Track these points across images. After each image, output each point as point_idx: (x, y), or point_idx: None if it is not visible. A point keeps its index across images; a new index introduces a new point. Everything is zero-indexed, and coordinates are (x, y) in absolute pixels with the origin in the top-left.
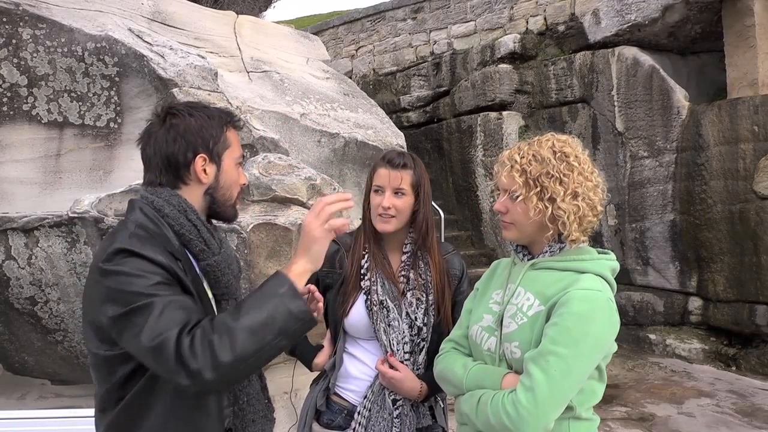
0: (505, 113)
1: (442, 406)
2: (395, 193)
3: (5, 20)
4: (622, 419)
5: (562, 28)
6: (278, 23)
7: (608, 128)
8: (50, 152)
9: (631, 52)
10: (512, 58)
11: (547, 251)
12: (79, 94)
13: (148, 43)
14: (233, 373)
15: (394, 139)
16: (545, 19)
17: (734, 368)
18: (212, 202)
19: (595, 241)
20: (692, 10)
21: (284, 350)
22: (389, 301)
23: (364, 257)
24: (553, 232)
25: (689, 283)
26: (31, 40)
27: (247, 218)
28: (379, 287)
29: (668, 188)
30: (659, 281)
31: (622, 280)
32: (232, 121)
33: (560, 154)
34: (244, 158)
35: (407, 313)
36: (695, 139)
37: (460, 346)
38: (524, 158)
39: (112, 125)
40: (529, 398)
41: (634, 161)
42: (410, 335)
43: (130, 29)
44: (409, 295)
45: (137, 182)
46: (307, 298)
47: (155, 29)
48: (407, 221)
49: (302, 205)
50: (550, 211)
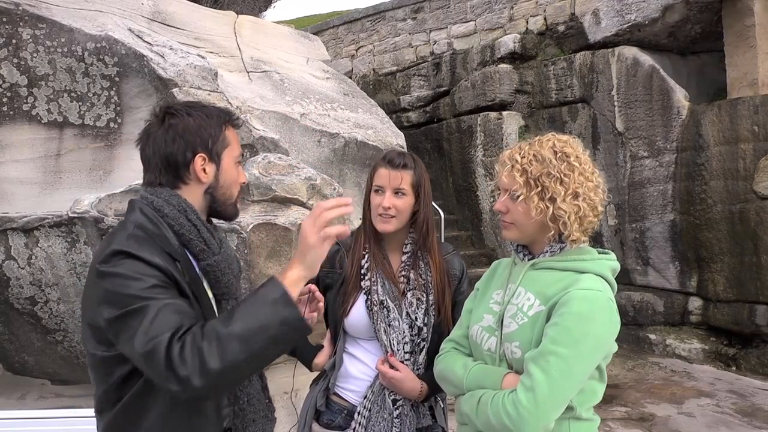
0: (505, 113)
1: (442, 406)
2: (395, 193)
3: (5, 20)
4: (622, 419)
5: (562, 28)
6: (278, 23)
7: (608, 128)
8: (50, 152)
9: (631, 52)
10: (512, 58)
11: (547, 251)
12: (79, 94)
13: (148, 43)
14: (223, 380)
15: (394, 139)
16: (545, 19)
17: (734, 368)
18: (212, 201)
19: (595, 241)
20: (692, 10)
21: (278, 357)
22: (389, 301)
23: (364, 257)
24: (554, 232)
25: (689, 283)
26: (31, 40)
27: (247, 218)
28: (379, 287)
29: (668, 188)
30: (659, 281)
31: (622, 280)
32: (230, 119)
33: (561, 154)
34: (243, 157)
35: (407, 313)
36: (695, 139)
37: (460, 346)
38: (525, 158)
39: (112, 125)
40: (529, 398)
41: (634, 161)
42: (410, 335)
43: (130, 29)
44: (409, 295)
45: (137, 182)
46: (307, 297)
47: (155, 29)
48: (407, 221)
49: (302, 205)
50: (551, 211)
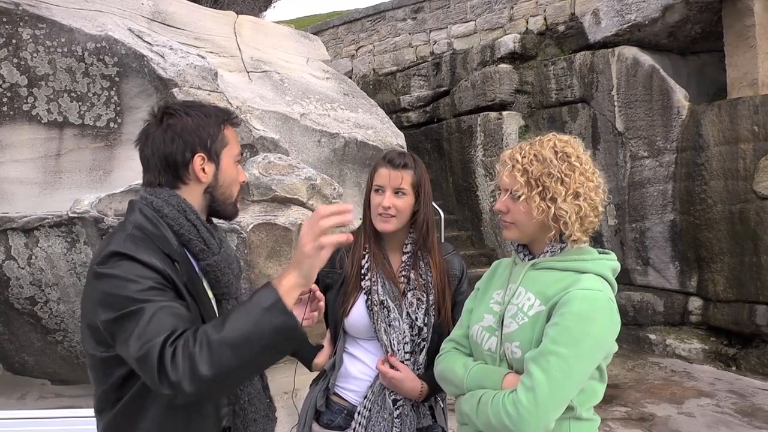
0: (505, 113)
1: (442, 406)
2: (395, 192)
3: (5, 20)
4: (622, 419)
5: (562, 28)
6: (278, 23)
7: (608, 128)
8: (50, 152)
9: (631, 52)
10: (512, 58)
11: (547, 251)
12: (79, 94)
13: (148, 43)
14: (215, 386)
15: (394, 139)
16: (545, 19)
17: (734, 368)
18: (212, 200)
19: (595, 241)
20: (692, 10)
21: (273, 364)
22: (390, 301)
23: (364, 257)
24: (555, 232)
25: (689, 283)
26: (31, 40)
27: (247, 218)
28: (379, 287)
29: (668, 188)
30: (659, 281)
31: (622, 280)
32: (229, 118)
33: (562, 154)
34: (243, 157)
35: (408, 313)
36: (695, 139)
37: (460, 345)
38: (526, 158)
39: (112, 125)
40: (529, 398)
41: (634, 161)
42: (411, 335)
43: (130, 29)
44: (409, 295)
45: (137, 182)
46: (308, 296)
47: (155, 29)
48: (407, 221)
49: (302, 205)
50: (552, 211)
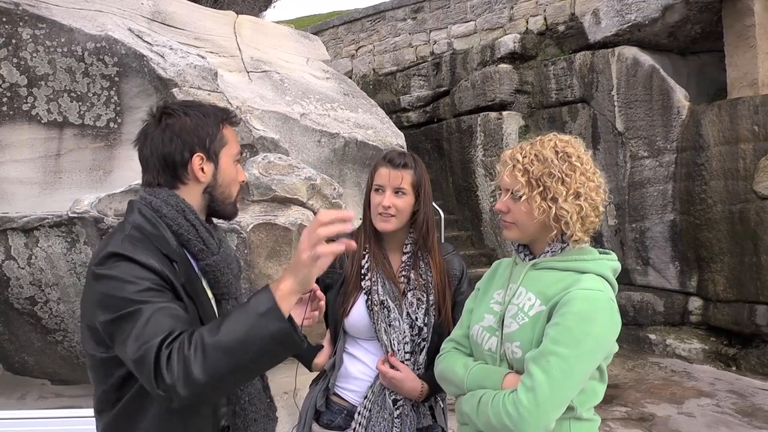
0: (505, 113)
1: (442, 406)
2: (395, 192)
3: (5, 20)
4: (622, 419)
5: (562, 28)
6: (278, 23)
7: (608, 128)
8: (50, 152)
9: (631, 52)
10: (512, 58)
11: (548, 251)
12: (78, 94)
13: (148, 43)
14: (209, 390)
15: (394, 139)
16: (545, 19)
17: (734, 368)
18: (211, 200)
19: (595, 241)
20: (692, 10)
21: (269, 369)
22: (390, 301)
23: (364, 257)
24: (557, 232)
25: (689, 283)
26: (30, 40)
27: (247, 218)
28: (379, 287)
29: (668, 188)
30: (659, 281)
31: (622, 280)
32: (228, 118)
33: (562, 154)
34: (242, 156)
35: (408, 313)
36: (695, 139)
37: (461, 345)
38: (526, 158)
39: (112, 125)
40: (530, 398)
41: (634, 161)
42: (411, 335)
43: (130, 29)
44: (409, 295)
45: (137, 182)
46: (309, 296)
47: (155, 29)
48: (407, 221)
49: (302, 205)
50: (553, 211)
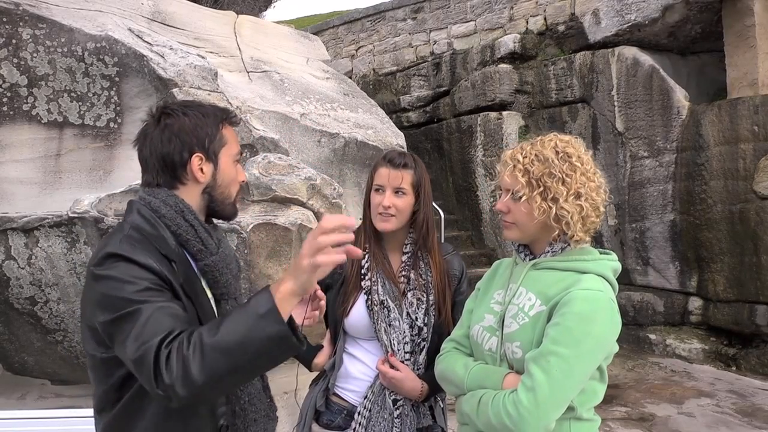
0: (505, 113)
1: (441, 406)
2: (395, 192)
3: (5, 20)
4: (622, 419)
5: (562, 28)
6: (278, 23)
7: (608, 128)
8: (50, 152)
9: (631, 52)
10: (512, 58)
11: (548, 251)
12: (79, 94)
13: (148, 43)
14: (207, 390)
15: (394, 139)
16: (545, 19)
17: (734, 368)
18: (210, 201)
19: (595, 241)
20: (692, 10)
21: (268, 370)
22: (390, 301)
23: (364, 257)
24: (558, 232)
25: (689, 283)
26: (31, 40)
27: (247, 218)
28: (379, 287)
29: (668, 188)
30: (659, 281)
31: (622, 280)
32: (228, 118)
33: (563, 154)
34: (242, 156)
35: (408, 313)
36: (695, 139)
37: (461, 345)
38: (527, 158)
39: (112, 125)
40: (530, 398)
41: (634, 161)
42: (411, 335)
43: (130, 29)
44: (409, 295)
45: (137, 182)
46: (309, 296)
47: (155, 29)
48: (407, 221)
49: (302, 205)
50: (553, 211)
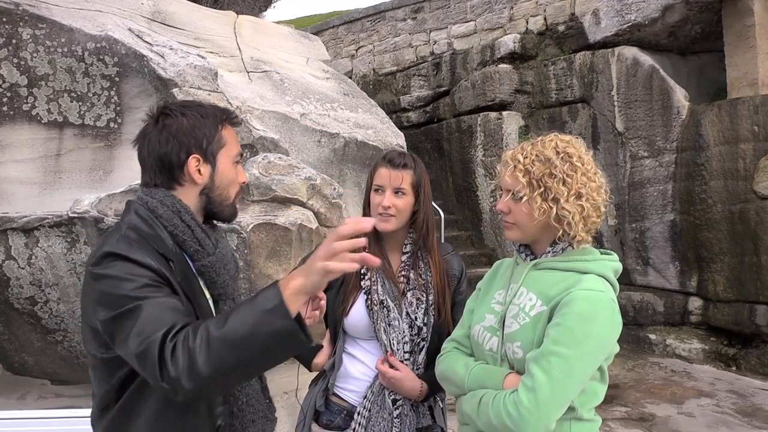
0: (505, 113)
1: (441, 406)
2: (395, 192)
3: (5, 20)
4: (622, 419)
5: (562, 28)
6: (278, 23)
7: (608, 128)
8: (50, 152)
9: (631, 52)
10: (512, 58)
11: (549, 251)
12: (79, 94)
13: (148, 43)
14: (213, 384)
15: (394, 139)
16: (545, 19)
17: (734, 368)
18: (208, 202)
19: (595, 241)
20: (692, 10)
21: (273, 366)
22: (389, 300)
23: None
24: (561, 232)
25: (689, 283)
26: (31, 40)
27: (247, 218)
28: (379, 287)
29: (668, 188)
30: (659, 281)
31: (622, 280)
32: (228, 118)
33: (563, 154)
34: (242, 157)
35: (407, 312)
36: (695, 139)
37: (461, 345)
38: (527, 158)
39: (112, 125)
40: (530, 398)
41: (634, 161)
42: (410, 335)
43: (130, 29)
44: (409, 295)
45: (137, 182)
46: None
47: (155, 29)
48: (407, 221)
49: (302, 205)
50: (554, 211)
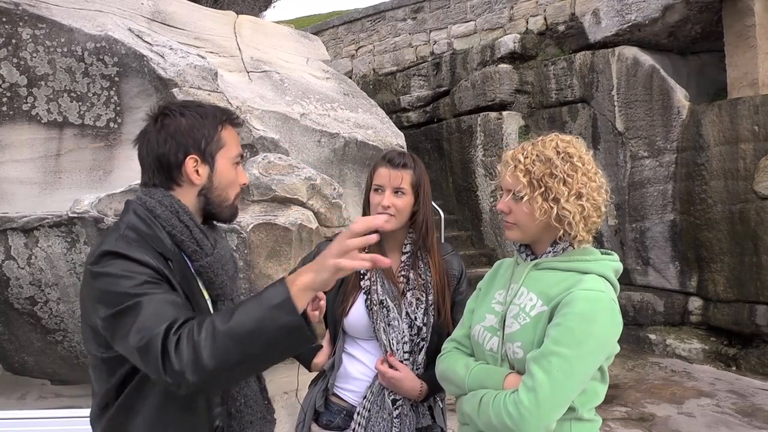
0: (505, 113)
1: (441, 406)
2: (395, 192)
3: (5, 20)
4: (622, 419)
5: (562, 28)
6: (278, 23)
7: (608, 128)
8: (50, 152)
9: (631, 52)
10: (512, 58)
11: (550, 251)
12: (78, 94)
13: (148, 43)
14: (217, 378)
15: (394, 139)
16: (545, 19)
17: (734, 368)
18: (207, 203)
19: (595, 241)
20: (692, 10)
21: (279, 362)
22: (389, 300)
23: None
24: (562, 232)
25: (689, 283)
26: (30, 40)
27: (247, 218)
28: (378, 287)
29: (668, 188)
30: (659, 281)
31: (622, 280)
32: (229, 119)
33: (564, 154)
34: (243, 158)
35: (407, 312)
36: (695, 139)
37: (462, 345)
38: (528, 158)
39: (112, 125)
40: (531, 398)
41: (634, 161)
42: (410, 335)
43: (129, 29)
44: (408, 295)
45: (137, 182)
46: None
47: (155, 29)
48: (407, 221)
49: (302, 205)
50: (555, 211)
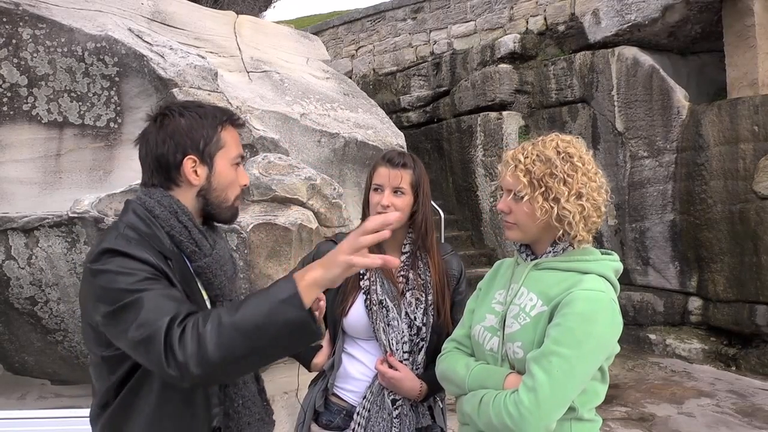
0: (505, 113)
1: (441, 406)
2: (394, 192)
3: (5, 20)
4: (622, 419)
5: (562, 28)
6: (278, 23)
7: (608, 128)
8: (50, 152)
9: (631, 52)
10: (512, 58)
11: (550, 251)
12: (79, 94)
13: (148, 43)
14: (221, 371)
15: (394, 139)
16: (545, 19)
17: (734, 368)
18: (206, 203)
19: (595, 241)
20: (692, 10)
21: (283, 357)
22: (389, 300)
23: None
24: (562, 232)
25: (689, 283)
26: (31, 40)
27: (247, 218)
28: (378, 287)
29: (668, 188)
30: (659, 281)
31: (622, 280)
32: (229, 119)
33: (564, 154)
34: (243, 158)
35: (406, 312)
36: (695, 139)
37: (462, 345)
38: (528, 158)
39: (112, 125)
40: (531, 398)
41: (634, 161)
42: (409, 335)
43: (130, 29)
44: (408, 295)
45: (137, 182)
46: None
47: (155, 29)
48: (406, 221)
49: (302, 205)
50: (555, 211)
